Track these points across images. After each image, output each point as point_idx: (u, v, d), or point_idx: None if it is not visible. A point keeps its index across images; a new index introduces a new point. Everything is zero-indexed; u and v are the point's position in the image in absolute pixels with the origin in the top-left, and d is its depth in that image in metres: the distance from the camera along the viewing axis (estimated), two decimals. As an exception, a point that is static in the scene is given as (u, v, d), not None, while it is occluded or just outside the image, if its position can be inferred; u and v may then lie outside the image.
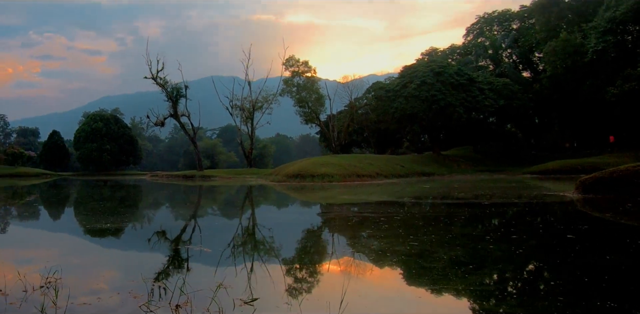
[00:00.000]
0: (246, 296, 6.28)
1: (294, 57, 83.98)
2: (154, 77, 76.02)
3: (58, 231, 15.27)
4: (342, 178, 44.34)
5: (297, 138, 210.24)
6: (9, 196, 33.77)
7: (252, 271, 8.18)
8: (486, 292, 6.90)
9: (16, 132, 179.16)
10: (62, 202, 28.33)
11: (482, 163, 68.14)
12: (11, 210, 22.99)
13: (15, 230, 15.30)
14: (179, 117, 78.23)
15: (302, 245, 11.73)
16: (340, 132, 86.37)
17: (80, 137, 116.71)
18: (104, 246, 11.72)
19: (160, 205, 26.41)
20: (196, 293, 6.30)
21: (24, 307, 5.87)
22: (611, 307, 5.78)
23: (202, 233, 14.06)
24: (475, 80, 65.86)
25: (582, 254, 9.42)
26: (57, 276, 7.13)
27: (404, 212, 18.29)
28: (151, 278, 7.49)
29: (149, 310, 5.74)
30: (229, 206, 25.85)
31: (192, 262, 9.15)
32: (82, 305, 5.92)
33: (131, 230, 14.29)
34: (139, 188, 44.08)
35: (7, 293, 6.47)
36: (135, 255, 10.33)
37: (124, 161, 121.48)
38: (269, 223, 16.88)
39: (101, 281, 7.51)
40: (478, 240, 11.48)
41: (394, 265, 8.77)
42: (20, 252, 10.74)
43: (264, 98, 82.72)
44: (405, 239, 11.40)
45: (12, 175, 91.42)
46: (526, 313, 5.80)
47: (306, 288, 7.26)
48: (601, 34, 57.47)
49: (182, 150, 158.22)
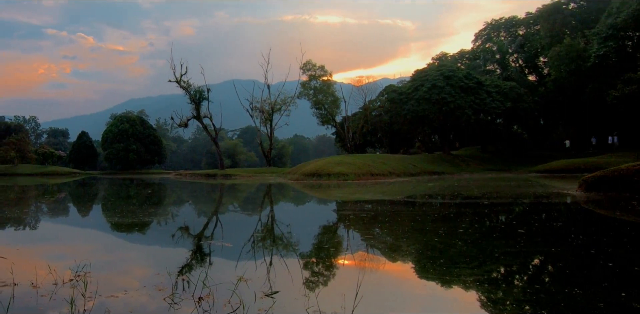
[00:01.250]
0: (266, 289, 6.30)
1: (311, 62, 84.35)
2: (178, 81, 76.37)
3: (87, 227, 15.30)
4: (356, 177, 44.29)
5: (314, 138, 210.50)
6: (40, 194, 33.90)
7: (271, 265, 8.18)
8: (494, 284, 6.91)
9: (47, 132, 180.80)
10: (91, 199, 28.42)
11: (490, 162, 67.85)
12: (43, 206, 23.04)
13: (47, 226, 15.31)
14: (202, 119, 78.54)
15: (319, 240, 11.69)
16: (354, 133, 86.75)
17: (107, 138, 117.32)
18: (130, 241, 11.76)
19: (183, 202, 26.39)
20: (218, 286, 6.30)
21: (54, 299, 5.89)
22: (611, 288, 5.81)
23: (223, 228, 14.09)
24: (483, 83, 65.77)
25: (583, 248, 9.42)
26: (86, 270, 7.18)
27: (416, 209, 18.36)
28: (175, 272, 7.53)
29: (173, 302, 5.77)
30: (249, 203, 25.77)
31: (213, 256, 9.15)
32: (109, 298, 5.94)
33: (156, 225, 14.31)
34: (164, 186, 44.06)
35: (38, 285, 6.49)
36: (160, 249, 10.35)
37: (149, 160, 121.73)
38: (287, 219, 16.91)
39: (128, 275, 7.57)
40: (487, 235, 11.56)
41: (407, 259, 8.82)
42: (51, 247, 10.80)
43: (282, 100, 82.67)
44: (417, 234, 11.48)
45: (42, 174, 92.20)
46: (531, 303, 5.78)
47: (323, 281, 7.27)
48: (603, 39, 57.59)
49: (204, 150, 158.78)
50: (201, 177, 67.82)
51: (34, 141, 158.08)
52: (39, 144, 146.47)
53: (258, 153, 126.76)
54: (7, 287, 6.43)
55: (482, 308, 5.80)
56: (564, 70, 63.33)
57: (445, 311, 5.75)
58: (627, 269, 7.58)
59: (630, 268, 7.64)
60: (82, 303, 5.61)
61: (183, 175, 77.00)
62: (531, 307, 5.67)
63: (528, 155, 71.36)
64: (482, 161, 67.90)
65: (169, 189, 38.80)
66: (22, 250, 9.91)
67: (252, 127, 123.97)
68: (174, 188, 40.21)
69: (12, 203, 23.73)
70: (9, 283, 6.62)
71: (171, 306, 5.66)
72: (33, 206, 23.00)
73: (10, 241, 11.49)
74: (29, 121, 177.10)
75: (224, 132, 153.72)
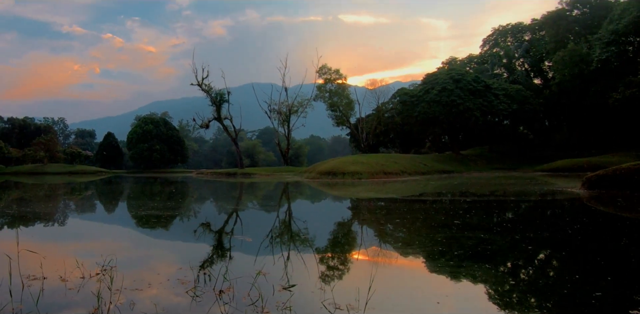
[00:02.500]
0: (284, 283, 6.32)
1: (327, 66, 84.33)
2: (199, 84, 76.69)
3: (113, 223, 15.39)
4: (370, 176, 44.21)
5: (329, 139, 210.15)
6: (69, 191, 34.08)
7: (289, 260, 8.21)
8: (502, 278, 6.92)
9: (74, 133, 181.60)
10: (117, 197, 28.54)
11: (497, 161, 67.72)
12: (71, 204, 23.23)
13: (75, 222, 15.43)
14: (222, 120, 78.96)
15: (334, 235, 11.75)
16: (368, 134, 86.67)
17: (132, 138, 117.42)
18: (154, 237, 11.84)
19: (205, 200, 26.48)
20: (237, 279, 6.33)
21: (82, 292, 5.94)
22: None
23: (243, 224, 14.13)
24: (491, 86, 65.74)
25: (586, 241, 9.54)
26: (112, 265, 7.20)
27: (427, 206, 18.34)
28: (197, 266, 7.56)
29: (195, 295, 5.80)
30: (267, 200, 25.83)
31: (233, 251, 9.21)
32: (134, 291, 5.98)
33: (179, 221, 14.41)
34: (186, 184, 44.13)
35: (66, 279, 6.54)
36: (183, 245, 10.38)
37: (172, 160, 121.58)
38: (304, 216, 16.97)
39: (152, 269, 7.60)
40: (496, 230, 11.54)
41: (418, 254, 8.79)
42: (79, 242, 10.87)
43: (299, 103, 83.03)
44: (428, 230, 11.46)
45: (70, 173, 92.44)
46: (537, 292, 5.80)
47: (337, 275, 7.30)
48: (605, 44, 57.60)
49: (225, 149, 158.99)
50: (222, 176, 68.00)
51: (62, 141, 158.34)
52: (67, 144, 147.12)
53: (276, 152, 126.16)
54: (37, 280, 6.46)
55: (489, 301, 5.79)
56: (567, 74, 63.05)
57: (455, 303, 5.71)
58: (628, 260, 7.67)
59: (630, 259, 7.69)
60: (109, 296, 5.63)
61: (204, 174, 76.94)
62: (537, 298, 5.69)
63: (533, 154, 71.00)
64: (489, 161, 67.84)
65: (191, 187, 38.85)
66: (52, 245, 10.00)
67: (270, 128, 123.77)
68: (196, 186, 40.24)
69: (42, 201, 23.81)
70: (38, 276, 6.65)
71: (193, 299, 5.68)
72: (62, 203, 23.13)
73: (40, 236, 11.56)
74: (58, 122, 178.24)
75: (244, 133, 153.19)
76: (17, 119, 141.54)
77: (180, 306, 5.44)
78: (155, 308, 5.29)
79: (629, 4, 57.67)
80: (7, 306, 5.29)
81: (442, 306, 5.59)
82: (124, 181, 52.45)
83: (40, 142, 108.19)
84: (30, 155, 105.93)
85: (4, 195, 28.82)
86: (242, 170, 71.56)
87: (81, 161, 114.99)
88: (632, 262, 7.93)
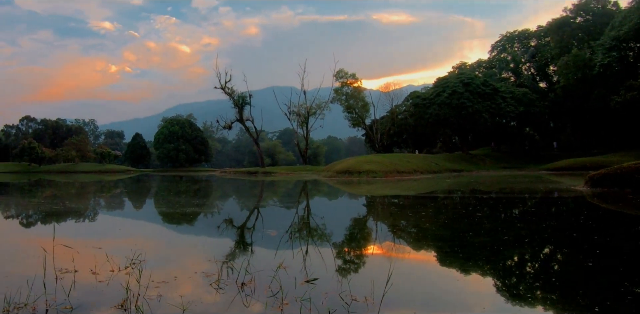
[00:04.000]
0: (303, 276, 6.32)
1: (343, 70, 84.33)
2: (223, 87, 76.61)
3: (141, 219, 15.46)
4: (384, 174, 44.33)
5: (346, 139, 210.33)
6: (99, 189, 34.26)
7: (307, 254, 8.20)
8: (509, 270, 6.93)
9: (104, 134, 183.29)
10: (145, 194, 28.67)
11: (504, 161, 67.67)
12: (102, 200, 23.35)
13: (105, 217, 15.48)
14: (244, 122, 78.77)
15: (351, 231, 11.72)
16: (382, 134, 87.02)
17: (159, 139, 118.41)
18: (181, 232, 11.88)
19: (228, 196, 26.54)
20: (259, 272, 6.33)
21: (112, 285, 5.95)
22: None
23: (264, 220, 14.17)
24: (498, 90, 65.77)
25: (586, 233, 9.41)
26: (141, 259, 7.25)
27: (439, 203, 18.43)
28: (221, 259, 7.57)
29: (218, 287, 5.81)
30: (287, 197, 25.82)
31: (255, 245, 9.25)
32: (161, 283, 5.99)
33: (204, 217, 14.42)
34: (210, 182, 44.28)
35: (97, 272, 6.56)
36: (208, 239, 10.38)
37: (197, 159, 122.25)
38: (323, 212, 17.04)
39: (178, 263, 7.62)
40: (505, 225, 11.58)
41: (432, 248, 8.82)
42: (109, 237, 10.86)
43: (317, 105, 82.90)
44: (440, 226, 11.45)
45: (100, 171, 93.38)
46: (542, 284, 5.76)
47: (354, 269, 7.31)
48: (607, 50, 57.72)
49: (246, 149, 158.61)
50: (244, 174, 68.24)
51: (92, 141, 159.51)
52: (97, 144, 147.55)
53: (295, 152, 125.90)
54: (69, 274, 6.48)
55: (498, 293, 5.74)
56: (571, 78, 63.29)
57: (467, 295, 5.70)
58: (625, 250, 7.63)
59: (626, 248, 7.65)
60: (137, 288, 5.62)
61: (227, 173, 77.42)
62: (542, 288, 5.65)
63: (539, 154, 71.25)
64: (497, 160, 67.70)
65: (215, 185, 38.94)
66: (84, 240, 9.98)
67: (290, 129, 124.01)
68: (220, 184, 40.34)
69: (75, 198, 24.02)
70: (71, 270, 6.68)
71: (217, 291, 5.69)
72: (93, 200, 23.28)
73: (73, 232, 11.62)
74: (89, 123, 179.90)
75: (265, 134, 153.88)
76: (50, 120, 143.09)
77: (205, 298, 5.44)
78: (181, 299, 5.27)
79: (629, 11, 58.12)
80: (40, 297, 5.30)
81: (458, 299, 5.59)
82: (152, 180, 52.82)
83: (72, 142, 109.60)
84: (62, 155, 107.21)
85: (39, 193, 28.98)
86: (263, 169, 71.52)
87: (110, 161, 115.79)
88: (625, 251, 8.00)
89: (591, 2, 72.16)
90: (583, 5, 72.19)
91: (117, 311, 4.95)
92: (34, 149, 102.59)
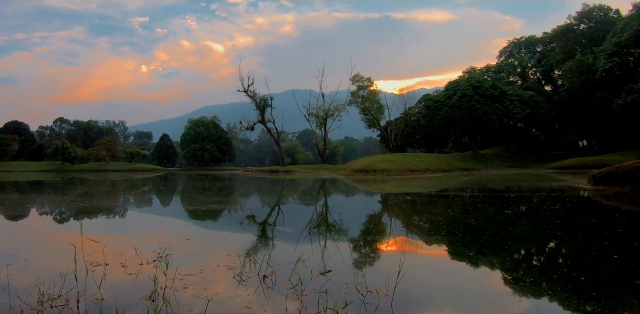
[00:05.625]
0: (321, 269, 6.34)
1: (359, 74, 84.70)
2: (245, 91, 77.13)
3: (168, 214, 15.54)
4: (398, 173, 44.56)
5: (362, 140, 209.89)
6: (129, 186, 34.55)
7: (325, 248, 8.22)
8: (516, 264, 6.97)
9: (133, 135, 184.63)
10: (172, 191, 28.78)
11: (512, 160, 67.61)
12: (131, 197, 23.55)
13: (134, 213, 15.63)
14: (266, 123, 79.31)
15: (366, 226, 11.74)
16: (396, 135, 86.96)
17: (185, 139, 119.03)
18: (205, 227, 11.91)
19: (251, 194, 26.51)
20: (279, 265, 6.36)
21: (140, 277, 6.00)
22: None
23: (284, 216, 14.18)
24: (506, 93, 65.74)
25: (592, 229, 9.38)
26: (167, 253, 7.29)
27: (450, 200, 18.38)
28: (243, 253, 7.65)
29: (241, 280, 5.85)
30: (306, 194, 25.89)
31: (275, 240, 9.30)
32: (187, 275, 6.03)
33: (227, 213, 14.48)
34: (234, 180, 44.37)
35: (126, 265, 6.62)
36: (231, 234, 10.42)
37: (221, 158, 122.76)
38: (339, 209, 17.04)
39: (203, 256, 7.67)
40: (512, 220, 11.61)
41: (443, 242, 8.81)
42: (138, 232, 10.94)
43: (335, 107, 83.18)
44: (451, 221, 11.44)
45: (130, 170, 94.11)
46: (547, 277, 5.71)
47: (369, 262, 7.33)
48: (609, 55, 57.77)
49: (268, 149, 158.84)
50: (265, 173, 68.15)
51: (122, 142, 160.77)
52: (127, 145, 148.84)
53: (314, 152, 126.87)
54: (100, 267, 6.54)
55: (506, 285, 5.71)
56: (575, 82, 63.48)
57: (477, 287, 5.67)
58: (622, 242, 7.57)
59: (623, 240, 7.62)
60: (164, 280, 5.68)
61: (250, 171, 77.60)
62: (547, 280, 5.61)
63: (544, 154, 71.10)
64: (505, 159, 67.65)
65: (238, 183, 39.03)
66: (113, 235, 10.06)
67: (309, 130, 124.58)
68: (243, 182, 40.41)
69: (105, 195, 24.24)
70: (101, 263, 6.73)
71: (240, 283, 5.72)
72: (122, 197, 23.45)
73: (103, 227, 11.68)
74: (118, 125, 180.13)
75: (285, 134, 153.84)
76: (82, 122, 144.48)
77: (228, 290, 5.47)
78: (205, 291, 5.29)
79: (629, 19, 58.19)
80: (72, 289, 5.34)
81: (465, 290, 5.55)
82: (178, 178, 53.06)
83: (103, 143, 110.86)
84: (93, 154, 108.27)
85: (71, 190, 29.13)
86: (284, 168, 71.67)
87: (139, 160, 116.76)
88: (623, 242, 7.99)
89: (594, 10, 72.41)
90: (586, 13, 72.49)
91: (145, 302, 4.98)
92: (67, 149, 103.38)
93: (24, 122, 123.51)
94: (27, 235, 10.67)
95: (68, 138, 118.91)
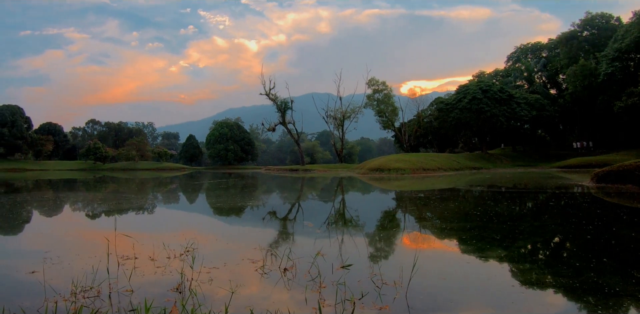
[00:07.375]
0: (339, 262, 6.36)
1: (375, 78, 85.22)
2: (267, 94, 76.76)
3: (194, 211, 15.59)
4: (411, 171, 44.66)
5: (377, 140, 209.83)
6: (158, 184, 34.73)
7: (343, 242, 8.23)
8: (524, 257, 6.88)
9: (161, 135, 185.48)
10: (198, 189, 28.76)
11: (519, 159, 67.46)
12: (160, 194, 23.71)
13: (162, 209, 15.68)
14: (287, 124, 78.98)
15: (382, 221, 11.74)
16: (410, 136, 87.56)
17: (210, 139, 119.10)
18: (230, 223, 11.96)
19: (272, 191, 26.54)
20: (299, 259, 6.41)
21: (168, 270, 6.05)
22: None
23: (304, 211, 14.23)
24: (513, 96, 65.90)
25: (595, 225, 9.25)
26: (194, 247, 7.37)
27: (461, 197, 18.34)
28: (265, 247, 7.67)
29: (263, 272, 5.89)
30: (325, 191, 25.87)
31: (296, 235, 9.30)
32: (212, 269, 6.08)
33: (250, 210, 14.43)
34: (256, 178, 44.32)
35: (155, 259, 6.68)
36: (253, 229, 10.37)
37: (244, 158, 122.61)
38: (356, 205, 17.10)
39: (227, 250, 7.66)
40: (521, 216, 11.53)
41: (455, 236, 8.82)
42: (166, 227, 11.01)
43: (352, 110, 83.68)
44: (462, 217, 11.50)
45: (158, 169, 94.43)
46: (553, 272, 5.67)
47: (384, 255, 7.34)
48: (610, 60, 57.92)
49: (288, 149, 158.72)
50: (286, 171, 68.07)
51: (151, 142, 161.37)
52: (155, 145, 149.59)
53: (332, 152, 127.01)
54: (130, 260, 6.61)
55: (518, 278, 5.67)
56: (579, 86, 63.65)
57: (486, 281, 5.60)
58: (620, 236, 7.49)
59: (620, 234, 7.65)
60: (190, 273, 5.72)
61: (271, 170, 77.35)
62: (551, 273, 5.56)
63: (550, 153, 71.06)
64: (512, 159, 67.56)
65: (260, 181, 39.04)
66: (143, 230, 10.14)
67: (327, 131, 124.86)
68: (265, 180, 40.45)
69: (135, 192, 24.33)
70: (131, 256, 6.79)
71: (262, 275, 5.76)
72: (151, 194, 23.56)
73: (133, 222, 11.79)
74: (147, 126, 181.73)
75: (305, 135, 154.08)
76: (113, 123, 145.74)
77: (251, 282, 5.51)
78: (230, 283, 5.34)
79: (630, 26, 58.23)
80: (104, 281, 5.39)
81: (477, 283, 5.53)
82: (204, 176, 53.06)
83: (133, 143, 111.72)
84: (123, 154, 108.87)
85: (103, 188, 29.35)
86: (303, 167, 71.60)
87: (167, 159, 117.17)
88: (625, 235, 7.84)
89: (596, 17, 72.74)
90: (589, 20, 72.77)
91: (173, 294, 5.02)
92: (98, 149, 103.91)
93: (57, 123, 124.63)
94: (61, 230, 10.73)
95: (100, 139, 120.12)
